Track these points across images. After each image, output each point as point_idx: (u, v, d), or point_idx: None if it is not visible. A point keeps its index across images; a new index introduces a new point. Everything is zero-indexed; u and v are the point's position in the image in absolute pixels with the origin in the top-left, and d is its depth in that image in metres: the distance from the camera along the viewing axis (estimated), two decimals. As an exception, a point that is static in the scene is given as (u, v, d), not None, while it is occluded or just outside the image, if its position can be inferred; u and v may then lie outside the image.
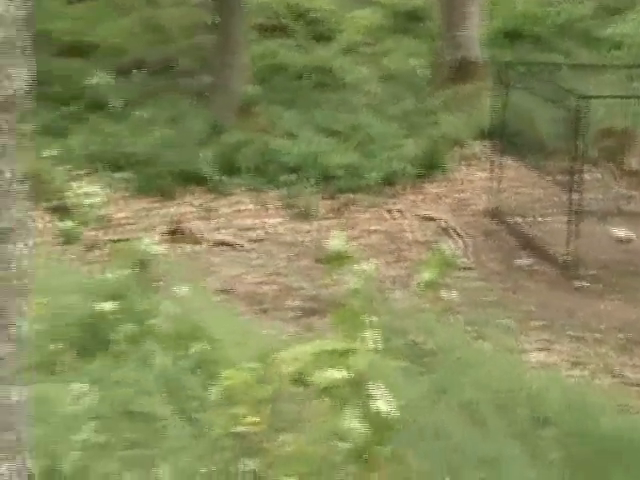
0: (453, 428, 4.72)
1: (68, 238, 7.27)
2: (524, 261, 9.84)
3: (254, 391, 4.32)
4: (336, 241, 5.46)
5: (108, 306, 5.52)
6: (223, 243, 9.96)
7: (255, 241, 10.22)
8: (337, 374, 4.16)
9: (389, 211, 11.30)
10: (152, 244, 6.09)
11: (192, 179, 11.23)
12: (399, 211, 11.29)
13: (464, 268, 9.04)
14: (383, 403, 4.05)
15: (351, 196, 11.51)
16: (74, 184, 9.79)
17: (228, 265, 9.08)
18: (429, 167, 12.19)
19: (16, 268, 3.79)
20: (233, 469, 4.30)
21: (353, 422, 4.07)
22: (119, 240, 8.72)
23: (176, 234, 9.70)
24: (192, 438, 4.56)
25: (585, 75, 12.59)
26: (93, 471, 4.27)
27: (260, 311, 7.94)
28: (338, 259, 5.49)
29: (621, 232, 10.44)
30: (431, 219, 11.02)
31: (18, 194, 3.79)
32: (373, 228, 10.76)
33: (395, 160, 12.01)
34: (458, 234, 10.50)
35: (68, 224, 7.43)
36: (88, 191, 9.56)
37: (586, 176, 10.38)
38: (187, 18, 15.81)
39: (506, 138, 11.32)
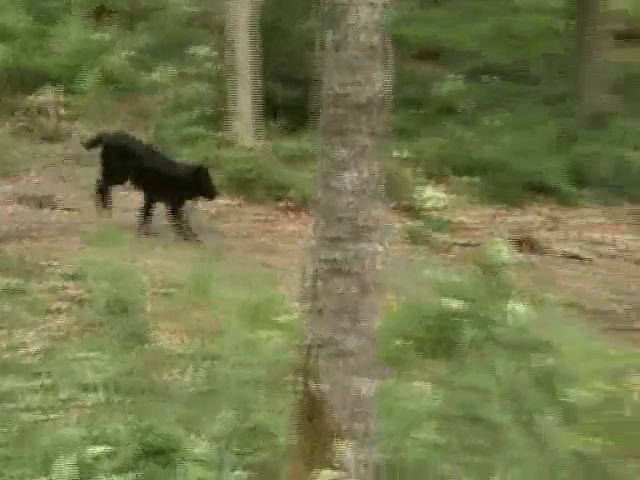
0: None
1: (415, 239, 7.41)
2: None
3: (604, 412, 4.14)
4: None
5: (455, 304, 5.53)
6: (570, 255, 9.68)
7: (604, 256, 9.82)
8: None
9: None
10: (502, 251, 6.02)
11: (540, 188, 11.04)
12: None
13: None
14: None
15: None
16: (422, 186, 9.99)
17: (575, 278, 8.80)
18: None
19: (370, 266, 3.91)
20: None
21: None
22: (466, 244, 8.76)
23: (523, 243, 9.56)
24: (533, 452, 4.44)
25: None
26: (432, 470, 4.28)
27: (607, 330, 7.60)
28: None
29: None
30: None
31: (374, 194, 3.90)
32: None
33: None
34: None
35: (415, 226, 7.55)
36: (434, 194, 9.68)
37: None
38: (542, 24, 15.59)
39: None
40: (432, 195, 7.42)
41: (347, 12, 3.77)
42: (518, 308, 5.63)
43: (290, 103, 11.67)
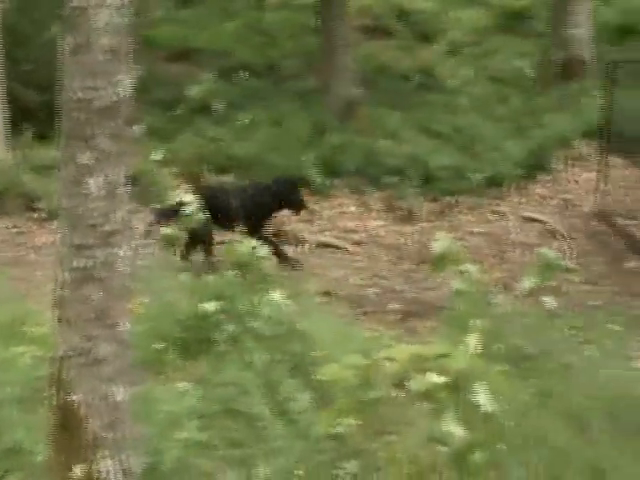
0: (557, 435, 4.62)
1: (172, 241, 7.43)
2: (632, 263, 9.60)
3: (354, 392, 4.33)
4: (441, 242, 5.43)
5: (211, 306, 5.60)
6: (326, 245, 10.00)
7: (358, 243, 10.22)
8: (437, 379, 4.13)
9: (493, 213, 11.19)
10: (255, 246, 6.15)
11: (294, 181, 11.33)
12: (503, 213, 11.17)
13: (569, 271, 8.86)
14: (483, 405, 4.01)
15: (454, 198, 11.43)
16: (176, 187, 10.01)
17: (330, 267, 9.12)
18: (534, 168, 12.04)
19: (120, 270, 3.90)
20: (333, 471, 4.31)
21: (452, 426, 4.03)
22: (222, 242, 8.86)
23: (278, 236, 9.77)
24: (291, 439, 4.59)
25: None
26: (194, 469, 4.33)
27: (362, 314, 7.94)
28: (442, 260, 5.45)
29: None
30: (536, 221, 10.86)
31: (123, 197, 3.89)
32: (476, 230, 10.66)
33: (499, 161, 11.88)
34: (563, 236, 10.32)
35: (170, 227, 7.59)
36: (188, 194, 9.68)
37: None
38: (292, 21, 15.92)
39: (614, 138, 11.05)
40: (185, 196, 7.47)
41: (87, 15, 3.71)
42: (274, 300, 5.78)
43: (42, 110, 11.35)
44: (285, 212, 9.31)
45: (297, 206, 9.16)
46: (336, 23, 13.28)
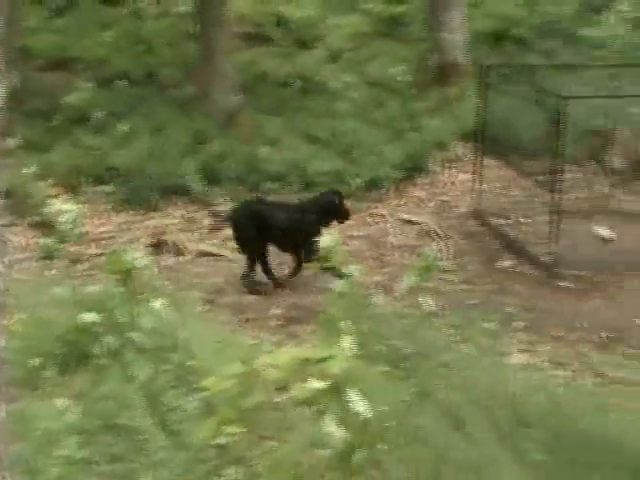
0: (434, 432, 4.74)
1: (50, 254, 7.26)
2: (506, 262, 9.87)
3: (236, 400, 4.34)
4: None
5: (89, 317, 5.52)
6: (206, 254, 9.95)
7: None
8: (316, 384, 4.17)
9: (372, 216, 11.35)
10: (135, 256, 6.09)
11: (175, 190, 11.25)
12: (382, 216, 11.33)
13: (446, 271, 9.08)
14: (359, 408, 4.08)
15: (334, 202, 11.53)
16: (54, 199, 9.82)
17: (211, 275, 9.10)
18: (412, 170, 12.27)
19: (-7, 286, 3.81)
20: (215, 480, 4.31)
21: (332, 428, 4.09)
22: (102, 254, 8.74)
23: (159, 246, 9.69)
24: (174, 450, 4.57)
25: (567, 75, 12.60)
26: (74, 486, 4.27)
27: (244, 320, 7.95)
28: (329, 254, 5.50)
29: (604, 231, 10.46)
30: (414, 223, 11.06)
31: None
32: (356, 234, 10.78)
33: (378, 165, 12.06)
34: (440, 237, 10.53)
35: (49, 240, 7.42)
36: (67, 206, 9.53)
37: (567, 176, 10.41)
38: (171, 29, 15.80)
39: (488, 140, 11.35)
40: (63, 208, 7.33)
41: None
42: (153, 311, 5.73)
43: None
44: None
45: (344, 217, 9.36)
46: (214, 29, 13.25)
